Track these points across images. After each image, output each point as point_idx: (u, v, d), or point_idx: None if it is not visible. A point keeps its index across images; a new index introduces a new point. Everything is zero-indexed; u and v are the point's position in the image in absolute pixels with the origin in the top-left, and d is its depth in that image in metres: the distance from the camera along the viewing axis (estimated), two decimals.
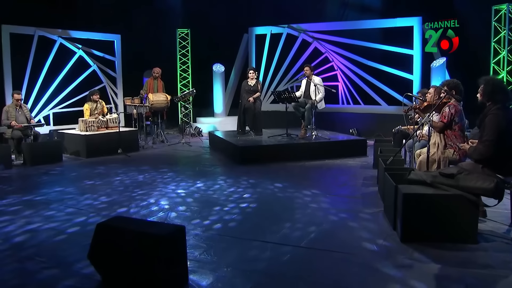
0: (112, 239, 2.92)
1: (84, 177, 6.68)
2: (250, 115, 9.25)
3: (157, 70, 10.20)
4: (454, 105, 4.96)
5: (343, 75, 11.64)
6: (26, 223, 4.45)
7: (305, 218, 4.51)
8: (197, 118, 12.73)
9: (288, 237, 3.96)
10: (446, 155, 4.92)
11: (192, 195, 5.53)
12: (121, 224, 3.03)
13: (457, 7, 9.96)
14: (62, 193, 5.67)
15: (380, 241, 3.83)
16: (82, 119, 8.70)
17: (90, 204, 5.18)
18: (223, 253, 3.63)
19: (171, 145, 9.84)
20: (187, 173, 6.90)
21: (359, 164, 7.52)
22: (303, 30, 12.09)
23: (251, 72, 9.30)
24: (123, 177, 6.62)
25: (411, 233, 3.76)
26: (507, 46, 8.95)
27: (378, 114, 11.16)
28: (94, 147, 8.37)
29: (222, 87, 12.64)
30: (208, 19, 12.39)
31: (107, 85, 11.29)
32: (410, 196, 3.73)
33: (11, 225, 4.39)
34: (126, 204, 5.15)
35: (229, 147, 8.45)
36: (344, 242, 3.85)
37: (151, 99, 9.65)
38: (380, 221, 4.38)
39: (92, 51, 11.02)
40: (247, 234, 4.08)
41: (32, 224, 4.42)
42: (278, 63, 12.51)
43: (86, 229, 4.27)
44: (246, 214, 4.70)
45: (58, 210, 4.93)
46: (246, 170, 6.98)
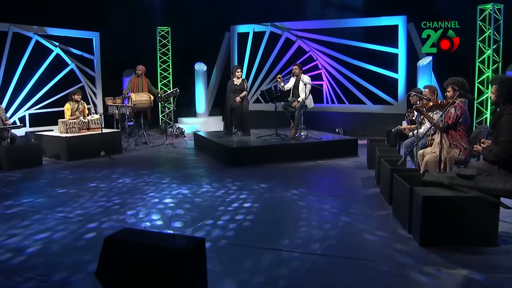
0: (125, 255, 2.64)
1: (68, 182, 6.27)
2: (237, 115, 9.02)
3: (140, 67, 9.82)
4: (460, 106, 4.88)
5: (328, 74, 11.54)
6: (8, 237, 4.02)
7: (314, 223, 4.33)
8: (178, 119, 12.38)
9: (301, 244, 3.76)
10: (452, 155, 4.84)
11: (189, 200, 5.25)
12: (134, 238, 2.75)
13: (439, 6, 10.04)
14: (45, 202, 5.21)
15: (398, 246, 3.68)
16: (62, 120, 8.26)
17: (78, 213, 4.76)
18: (237, 264, 3.39)
19: (154, 146, 9.49)
20: (179, 177, 6.60)
21: (352, 165, 7.41)
22: (286, 29, 11.92)
23: (238, 71, 9.07)
24: (110, 182, 6.25)
25: (430, 236, 3.63)
26: (492, 45, 9.04)
27: (363, 113, 11.13)
28: (75, 150, 7.95)
29: (205, 86, 12.35)
30: (189, 16, 12.09)
31: (85, 84, 10.82)
32: (430, 199, 3.60)
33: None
34: (119, 211, 4.83)
35: (218, 148, 8.19)
36: (361, 248, 3.69)
37: (133, 99, 9.28)
38: (391, 224, 4.24)
39: (69, 49, 10.54)
40: (257, 242, 3.85)
41: (13, 238, 4.00)
42: (261, 62, 12.31)
43: (75, 242, 3.92)
44: (251, 221, 4.45)
45: (42, 220, 4.54)
46: (240, 172, 6.75)
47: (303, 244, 3.76)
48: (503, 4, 9.00)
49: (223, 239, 3.90)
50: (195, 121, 12.14)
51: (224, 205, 5.01)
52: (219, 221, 4.42)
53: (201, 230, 4.16)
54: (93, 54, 11.01)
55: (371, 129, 10.85)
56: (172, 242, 2.63)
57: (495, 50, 9.08)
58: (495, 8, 8.93)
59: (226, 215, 4.61)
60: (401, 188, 4.18)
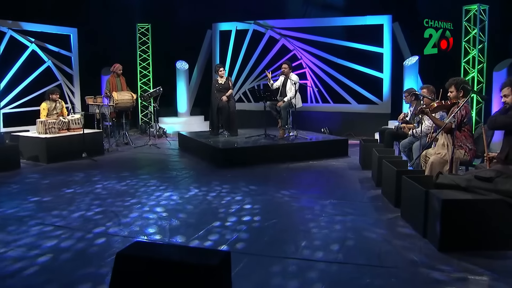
0: (143, 273, 2.37)
1: (50, 187, 5.87)
2: (224, 114, 8.77)
3: (118, 66, 9.41)
4: (465, 106, 4.81)
5: (312, 73, 11.42)
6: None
7: (324, 229, 4.13)
8: (159, 118, 11.99)
9: (317, 253, 3.57)
10: (457, 155, 4.76)
11: (186, 205, 4.98)
12: (151, 253, 2.48)
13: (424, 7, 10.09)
14: (24, 209, 4.81)
15: (416, 251, 3.54)
16: (41, 120, 7.80)
17: (59, 224, 4.34)
18: (257, 277, 3.17)
19: (137, 147, 9.13)
20: (170, 179, 6.31)
21: (345, 165, 7.28)
22: (270, 27, 11.73)
23: (221, 70, 8.82)
24: (95, 186, 5.88)
25: (450, 241, 3.51)
26: (478, 45, 9.11)
27: (348, 112, 11.07)
28: (55, 151, 7.52)
29: (186, 85, 12.01)
30: (170, 13, 11.76)
31: (63, 82, 10.32)
32: (449, 202, 3.47)
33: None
34: (111, 221, 4.51)
35: (206, 149, 7.93)
36: (379, 254, 3.53)
37: (115, 98, 8.89)
38: (403, 228, 4.11)
39: (46, 46, 10.00)
40: (269, 251, 3.62)
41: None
42: (244, 61, 12.08)
43: (64, 256, 3.59)
44: (257, 228, 4.21)
45: (25, 229, 4.21)
46: (233, 174, 6.51)
47: (319, 252, 3.57)
48: (488, 5, 9.08)
49: (232, 250, 3.66)
50: (177, 120, 11.80)
51: (223, 210, 4.77)
52: (222, 229, 4.17)
53: (206, 239, 3.90)
54: (70, 51, 10.51)
55: (356, 128, 10.82)
56: (197, 257, 2.38)
57: (480, 51, 9.15)
58: (480, 9, 9.00)
59: (228, 222, 4.36)
60: (413, 191, 4.05)
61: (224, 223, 4.33)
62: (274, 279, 3.11)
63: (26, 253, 3.54)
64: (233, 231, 4.09)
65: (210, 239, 3.89)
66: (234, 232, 4.07)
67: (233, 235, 3.99)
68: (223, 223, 4.33)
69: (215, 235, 3.99)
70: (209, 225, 4.25)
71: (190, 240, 3.87)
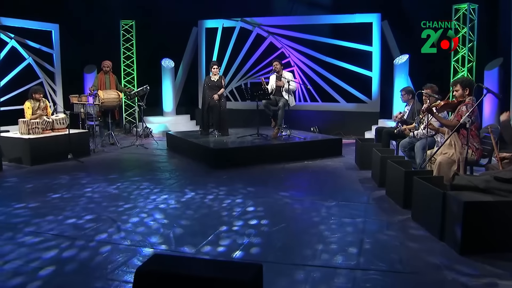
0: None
1: (36, 191, 5.54)
2: (215, 113, 8.52)
3: (107, 63, 9.07)
4: (472, 104, 4.74)
5: (300, 72, 11.29)
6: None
7: (336, 232, 3.98)
8: (144, 118, 11.64)
9: (336, 258, 3.40)
10: (465, 155, 4.68)
11: (185, 210, 4.74)
12: (175, 268, 2.26)
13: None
14: (10, 215, 4.50)
15: (436, 254, 3.42)
16: (23, 120, 7.41)
17: (52, 233, 3.99)
18: (277, 285, 2.98)
19: (123, 148, 8.81)
20: (163, 182, 6.06)
21: (341, 165, 7.16)
22: (257, 24, 11.54)
23: (214, 67, 8.57)
24: (85, 189, 5.57)
25: (471, 244, 3.40)
26: (467, 44, 9.13)
27: (337, 111, 10.98)
28: (39, 153, 7.16)
29: (172, 83, 11.70)
30: (154, 10, 11.42)
31: (44, 81, 9.87)
32: (471, 204, 3.36)
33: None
34: (108, 229, 4.21)
35: (198, 149, 7.69)
36: (400, 258, 3.39)
37: (101, 97, 8.54)
38: (416, 230, 3.99)
39: (26, 42, 9.54)
40: (285, 258, 3.44)
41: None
42: (231, 59, 11.85)
43: (67, 268, 3.32)
44: (266, 233, 4.00)
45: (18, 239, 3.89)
46: (229, 176, 6.30)
47: (338, 257, 3.41)
48: (477, 4, 9.11)
49: (246, 258, 3.46)
50: (163, 120, 11.48)
51: (226, 213, 4.56)
52: (231, 233, 3.97)
53: (217, 245, 3.69)
54: (52, 48, 10.07)
55: (345, 127, 10.74)
56: (227, 272, 2.18)
57: (470, 50, 9.19)
58: (470, 8, 9.02)
59: (234, 226, 4.16)
60: (426, 192, 3.94)
61: (231, 227, 4.13)
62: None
63: (25, 266, 3.25)
64: (243, 236, 3.90)
65: (222, 245, 3.69)
66: (244, 237, 3.87)
67: (244, 240, 3.79)
68: (229, 227, 4.13)
69: (225, 240, 3.79)
70: (215, 230, 4.04)
71: (200, 247, 3.65)
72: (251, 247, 3.65)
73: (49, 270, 3.19)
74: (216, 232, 3.98)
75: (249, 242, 3.75)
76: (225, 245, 3.69)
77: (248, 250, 3.59)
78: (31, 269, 3.19)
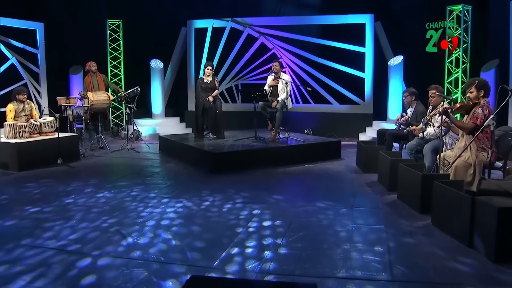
0: None
1: (26, 200, 5.15)
2: (210, 116, 8.26)
3: (93, 64, 8.70)
4: (487, 106, 4.64)
5: (292, 73, 11.13)
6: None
7: (359, 243, 3.76)
8: (132, 120, 11.28)
9: (366, 271, 3.21)
10: (480, 158, 4.58)
11: (190, 220, 4.46)
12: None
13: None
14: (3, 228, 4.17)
15: (469, 264, 3.28)
16: (9, 123, 7.01)
17: (55, 245, 3.72)
18: None
19: (114, 151, 8.48)
20: (164, 189, 5.76)
21: (343, 168, 7.01)
22: (248, 25, 11.34)
23: (208, 68, 8.32)
24: (80, 198, 5.24)
25: (506, 251, 3.27)
26: (462, 45, 9.13)
27: (330, 113, 10.86)
28: (27, 158, 6.78)
29: (161, 85, 11.38)
30: (142, 9, 11.12)
31: (28, 82, 9.43)
32: (505, 210, 3.23)
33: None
34: (117, 242, 3.97)
35: (193, 153, 7.45)
36: (434, 269, 3.22)
37: (91, 99, 8.19)
38: (440, 237, 3.84)
39: (9, 41, 9.09)
40: (311, 271, 3.23)
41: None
42: (221, 60, 11.62)
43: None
44: (284, 245, 3.75)
45: (18, 254, 3.60)
46: (231, 181, 6.06)
47: (368, 270, 3.22)
48: (471, 5, 9.13)
49: (269, 274, 3.22)
50: (152, 122, 11.15)
51: (237, 223, 4.31)
52: (246, 248, 3.68)
53: (233, 263, 3.42)
54: (37, 48, 9.64)
55: (338, 129, 10.62)
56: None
57: (464, 51, 9.19)
58: (464, 9, 9.02)
59: (250, 239, 3.86)
60: (451, 198, 3.81)
61: (247, 239, 3.90)
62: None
63: (31, 284, 2.96)
64: (264, 248, 3.68)
65: (245, 257, 3.46)
66: (270, 248, 3.66)
67: (266, 253, 3.57)
68: (246, 238, 3.89)
69: (246, 254, 3.55)
70: (233, 239, 3.81)
71: (221, 260, 3.41)
72: (269, 261, 3.43)
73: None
74: (229, 250, 3.72)
75: (267, 257, 3.52)
76: (249, 257, 3.46)
77: (266, 265, 3.37)
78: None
